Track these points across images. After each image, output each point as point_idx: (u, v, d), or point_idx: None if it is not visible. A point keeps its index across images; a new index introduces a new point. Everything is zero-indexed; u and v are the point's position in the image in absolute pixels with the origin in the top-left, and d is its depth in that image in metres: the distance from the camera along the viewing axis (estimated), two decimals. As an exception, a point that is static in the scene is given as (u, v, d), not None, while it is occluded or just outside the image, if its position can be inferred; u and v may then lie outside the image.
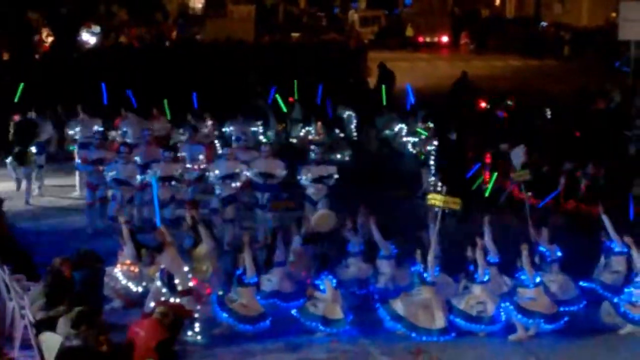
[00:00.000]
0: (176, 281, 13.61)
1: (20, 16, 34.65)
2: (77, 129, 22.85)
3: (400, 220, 18.17)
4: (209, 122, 23.64)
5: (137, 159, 18.90)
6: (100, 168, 18.95)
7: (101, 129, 23.07)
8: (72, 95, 25.98)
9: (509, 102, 29.03)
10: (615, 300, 14.28)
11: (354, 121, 28.11)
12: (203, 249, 15.01)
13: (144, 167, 18.60)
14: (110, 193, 18.82)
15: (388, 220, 16.24)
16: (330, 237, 16.35)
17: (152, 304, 13.21)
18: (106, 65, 32.66)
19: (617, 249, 15.05)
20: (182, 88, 29.42)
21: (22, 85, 23.97)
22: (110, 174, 18.18)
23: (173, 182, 18.11)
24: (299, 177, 18.23)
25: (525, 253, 14.12)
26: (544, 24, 55.40)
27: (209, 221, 16.39)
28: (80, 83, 29.37)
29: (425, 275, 14.05)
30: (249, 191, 18.67)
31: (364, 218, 16.09)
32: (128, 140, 21.70)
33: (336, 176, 18.29)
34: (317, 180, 18.05)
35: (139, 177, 18.19)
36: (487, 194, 21.22)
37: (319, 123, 26.73)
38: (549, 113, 26.74)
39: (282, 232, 15.84)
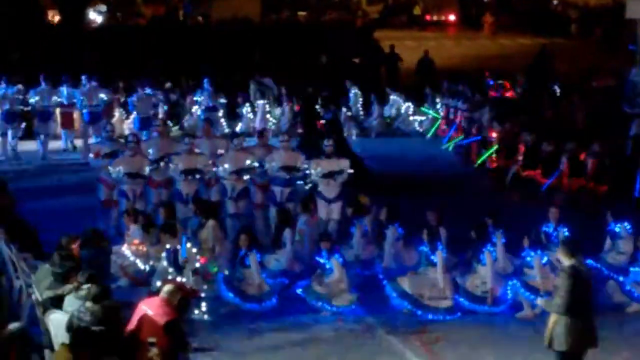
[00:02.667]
0: (183, 261, 13.65)
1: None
2: (37, 98, 23.37)
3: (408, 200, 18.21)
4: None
5: (150, 151, 17.62)
6: None
7: (59, 99, 23.65)
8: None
9: (500, 82, 29.18)
10: (621, 279, 14.32)
11: (360, 100, 28.11)
12: (209, 229, 15.05)
13: (157, 162, 17.40)
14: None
15: (395, 201, 16.32)
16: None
17: (159, 283, 13.25)
18: (112, 43, 32.79)
19: (621, 232, 15.04)
20: (187, 66, 29.67)
21: None
22: (117, 169, 16.80)
23: (197, 176, 16.96)
24: (308, 172, 17.12)
25: None
26: (555, 1, 55.25)
27: (213, 202, 16.34)
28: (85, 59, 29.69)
29: (432, 257, 14.05)
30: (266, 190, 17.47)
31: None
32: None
33: (349, 171, 17.05)
34: (328, 175, 16.77)
35: (147, 169, 17.03)
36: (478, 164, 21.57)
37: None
38: (557, 91, 26.76)
39: (288, 212, 15.91)
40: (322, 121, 21.55)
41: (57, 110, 24.80)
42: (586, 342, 10.93)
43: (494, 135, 22.56)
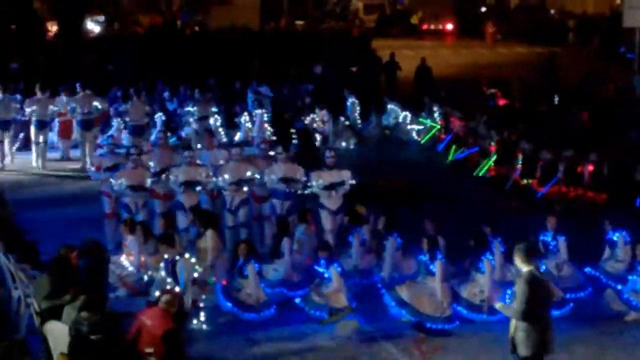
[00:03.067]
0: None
1: (25, 5, 34.85)
2: (34, 107, 23.42)
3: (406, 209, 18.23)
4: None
5: (151, 163, 17.49)
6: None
7: (56, 108, 23.75)
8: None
9: (494, 91, 29.27)
10: (619, 287, 14.33)
11: (358, 109, 28.12)
12: (208, 238, 15.04)
13: (158, 174, 17.20)
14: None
15: (393, 211, 16.33)
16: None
17: (157, 293, 13.24)
18: (110, 52, 32.87)
19: (620, 241, 15.03)
20: (186, 75, 29.69)
21: None
22: (119, 181, 16.66)
23: (198, 188, 16.74)
24: (309, 184, 16.87)
25: None
26: (553, 10, 55.39)
27: (212, 212, 16.32)
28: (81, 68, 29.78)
29: (431, 266, 14.04)
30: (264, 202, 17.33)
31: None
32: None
33: (352, 182, 16.78)
34: (329, 187, 16.57)
35: (149, 181, 16.89)
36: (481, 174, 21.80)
37: (324, 111, 26.72)
38: (556, 99, 26.81)
39: (287, 222, 15.90)
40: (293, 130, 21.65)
41: (56, 120, 24.83)
42: (544, 347, 10.92)
43: (492, 144, 22.57)
